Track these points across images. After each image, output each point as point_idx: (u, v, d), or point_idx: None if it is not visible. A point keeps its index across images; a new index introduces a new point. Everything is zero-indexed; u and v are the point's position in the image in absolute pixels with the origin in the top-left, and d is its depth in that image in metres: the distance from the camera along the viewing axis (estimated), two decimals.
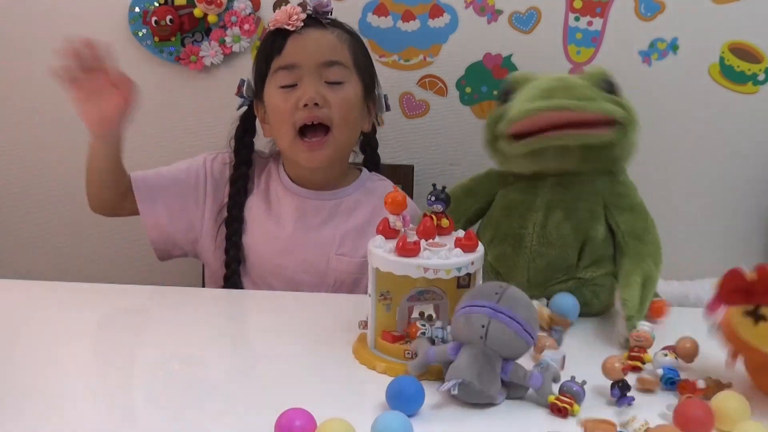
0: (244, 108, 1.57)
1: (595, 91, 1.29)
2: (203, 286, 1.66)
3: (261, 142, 1.66)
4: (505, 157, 1.32)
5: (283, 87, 1.45)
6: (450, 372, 0.99)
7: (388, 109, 1.59)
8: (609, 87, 1.31)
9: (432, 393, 0.99)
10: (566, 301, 1.25)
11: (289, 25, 1.45)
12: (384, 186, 1.56)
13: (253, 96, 1.55)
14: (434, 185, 1.13)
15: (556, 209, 1.30)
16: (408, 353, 1.08)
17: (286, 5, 1.48)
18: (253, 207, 1.53)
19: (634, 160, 1.34)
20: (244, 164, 1.54)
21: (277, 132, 1.49)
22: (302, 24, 1.46)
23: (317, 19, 1.48)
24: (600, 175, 1.32)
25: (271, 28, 1.48)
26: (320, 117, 1.44)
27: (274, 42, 1.47)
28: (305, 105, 1.43)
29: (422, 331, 1.08)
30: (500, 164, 1.37)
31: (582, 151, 1.27)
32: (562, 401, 0.97)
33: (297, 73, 1.45)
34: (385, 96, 1.58)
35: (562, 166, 1.30)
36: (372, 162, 1.63)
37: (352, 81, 1.48)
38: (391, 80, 1.78)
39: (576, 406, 0.98)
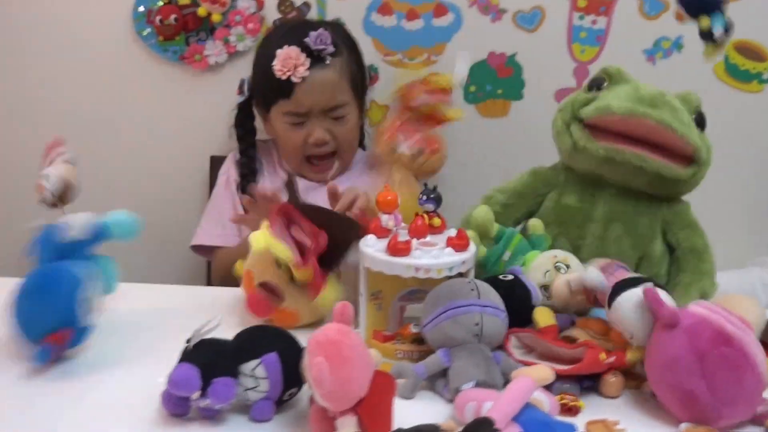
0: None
1: (690, 120, 1.25)
2: (208, 284, 1.66)
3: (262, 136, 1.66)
4: (575, 146, 1.25)
5: (290, 123, 1.54)
6: (454, 377, 0.98)
7: (372, 80, 1.67)
8: (700, 120, 1.27)
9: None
10: None
11: (295, 77, 1.49)
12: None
13: (250, 94, 1.61)
14: (425, 184, 1.13)
15: (616, 222, 1.25)
16: (399, 353, 1.07)
17: (288, 47, 1.50)
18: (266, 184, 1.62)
19: None
20: (250, 147, 1.65)
21: (284, 152, 1.57)
22: (308, 72, 1.50)
23: (319, 55, 1.51)
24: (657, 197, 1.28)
25: (278, 76, 1.50)
26: (328, 150, 1.55)
27: (281, 84, 1.51)
28: (314, 143, 1.53)
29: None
30: (565, 151, 1.29)
31: (653, 178, 1.23)
32: (569, 399, 0.97)
33: (305, 116, 1.53)
34: (369, 68, 1.67)
35: (627, 184, 1.25)
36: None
37: (352, 107, 1.57)
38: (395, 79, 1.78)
39: (581, 402, 0.98)
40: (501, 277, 1.15)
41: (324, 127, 1.53)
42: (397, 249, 1.05)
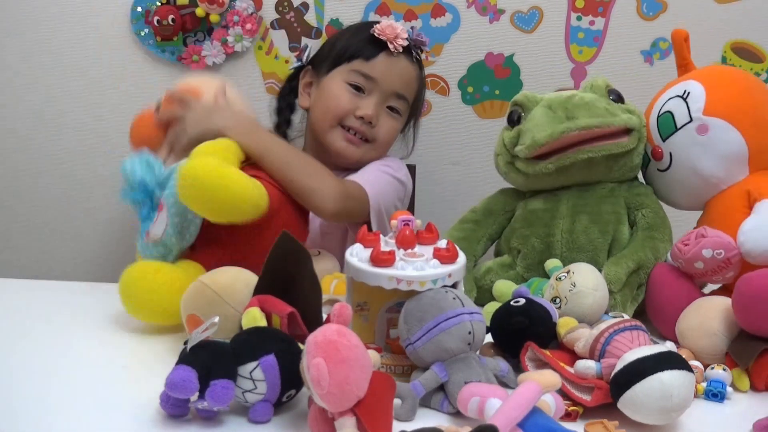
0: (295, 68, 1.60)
1: (607, 102, 1.31)
2: None
3: None
4: (527, 177, 1.33)
5: (351, 84, 1.50)
6: (457, 390, 0.95)
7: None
8: (616, 97, 1.34)
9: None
10: None
11: (392, 44, 1.49)
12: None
13: (308, 63, 1.58)
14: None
15: (581, 214, 1.31)
16: (386, 368, 1.04)
17: (386, 20, 1.52)
18: None
19: None
20: (284, 123, 1.62)
21: (320, 113, 1.52)
22: (402, 49, 1.50)
23: (410, 49, 1.53)
24: (619, 181, 1.34)
25: (376, 34, 1.49)
26: (365, 133, 1.51)
27: (368, 46, 1.50)
28: (361, 117, 1.49)
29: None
30: (521, 185, 1.38)
31: (607, 162, 1.29)
32: (567, 404, 0.97)
33: (371, 85, 1.50)
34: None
35: (588, 179, 1.32)
36: None
37: (404, 115, 1.56)
38: None
39: (580, 408, 0.98)
40: (512, 303, 1.11)
41: (377, 110, 1.50)
42: (380, 260, 1.02)
